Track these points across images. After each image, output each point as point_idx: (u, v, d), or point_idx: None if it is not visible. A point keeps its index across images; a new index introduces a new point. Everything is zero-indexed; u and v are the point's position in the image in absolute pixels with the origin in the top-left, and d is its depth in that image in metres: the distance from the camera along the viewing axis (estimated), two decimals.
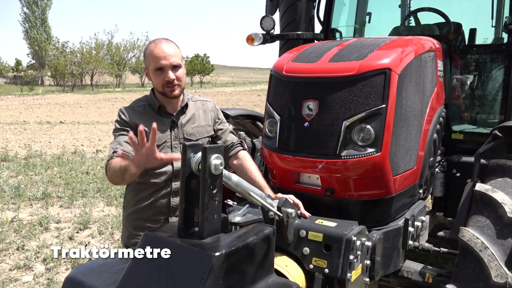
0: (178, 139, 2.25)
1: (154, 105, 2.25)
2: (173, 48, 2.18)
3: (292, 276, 1.82)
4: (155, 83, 2.21)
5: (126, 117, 2.18)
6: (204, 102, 2.43)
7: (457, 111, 3.45)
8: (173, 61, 2.14)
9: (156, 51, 2.13)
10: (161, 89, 2.19)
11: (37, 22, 55.57)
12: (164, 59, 2.12)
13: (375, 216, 2.19)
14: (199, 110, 2.36)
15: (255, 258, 1.48)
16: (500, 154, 2.35)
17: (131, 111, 2.22)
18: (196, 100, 2.40)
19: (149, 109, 2.25)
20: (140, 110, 2.24)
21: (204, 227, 1.40)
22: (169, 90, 2.18)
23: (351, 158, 2.03)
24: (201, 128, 2.33)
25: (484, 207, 1.95)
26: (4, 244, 4.50)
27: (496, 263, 1.73)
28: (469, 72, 3.54)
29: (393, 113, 2.07)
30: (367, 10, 4.72)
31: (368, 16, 4.72)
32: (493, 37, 3.91)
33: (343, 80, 2.07)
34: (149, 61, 2.17)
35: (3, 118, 17.62)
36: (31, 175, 7.54)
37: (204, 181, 1.38)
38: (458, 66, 3.53)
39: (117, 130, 2.20)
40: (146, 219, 2.20)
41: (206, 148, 1.37)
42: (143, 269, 1.39)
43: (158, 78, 2.17)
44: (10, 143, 11.40)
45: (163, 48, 2.13)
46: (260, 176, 2.27)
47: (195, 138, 2.29)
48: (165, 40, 2.20)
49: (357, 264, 1.90)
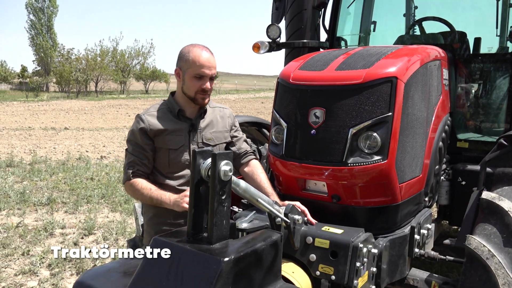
0: (196, 143, 2.29)
1: (174, 109, 2.28)
2: (214, 60, 2.26)
3: (299, 283, 1.83)
4: (189, 87, 2.24)
5: (146, 124, 2.20)
6: (221, 108, 2.48)
7: (462, 119, 3.46)
8: (214, 72, 2.24)
9: (203, 59, 2.19)
10: (193, 95, 2.24)
11: (43, 29, 56.09)
12: (208, 68, 2.19)
13: (381, 223, 2.20)
14: (217, 116, 2.41)
15: (263, 263, 1.49)
16: (506, 163, 2.35)
17: (150, 116, 2.25)
18: (214, 106, 2.45)
19: (168, 112, 2.29)
20: (159, 114, 2.27)
21: (213, 232, 1.42)
22: (201, 97, 2.24)
23: (357, 165, 2.05)
24: (219, 133, 2.37)
25: (491, 215, 1.95)
26: (10, 249, 4.52)
27: (503, 271, 1.73)
28: (474, 81, 3.55)
29: (399, 121, 2.08)
30: (372, 19, 4.76)
31: (373, 25, 4.76)
32: (498, 46, 3.93)
33: (350, 88, 2.09)
34: (190, 65, 2.20)
35: (8, 124, 17.73)
36: (36, 181, 7.58)
37: (214, 187, 1.40)
38: (463, 75, 3.54)
39: (133, 143, 2.23)
40: (166, 223, 2.22)
41: (216, 154, 1.39)
42: (153, 273, 1.40)
43: (195, 84, 2.21)
44: (16, 148, 11.47)
45: (209, 58, 2.21)
46: (268, 184, 2.30)
47: (213, 143, 2.33)
48: (209, 50, 2.27)
49: (364, 271, 1.90)
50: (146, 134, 2.21)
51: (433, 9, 4.59)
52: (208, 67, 2.18)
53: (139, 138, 2.21)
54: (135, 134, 2.23)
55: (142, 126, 2.20)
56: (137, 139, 2.22)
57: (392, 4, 4.98)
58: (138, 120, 2.24)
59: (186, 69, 2.22)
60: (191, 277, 1.33)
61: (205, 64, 2.17)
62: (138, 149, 2.21)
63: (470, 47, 3.73)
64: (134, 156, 2.21)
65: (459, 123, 3.40)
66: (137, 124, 2.23)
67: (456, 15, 4.25)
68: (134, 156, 2.21)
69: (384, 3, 4.88)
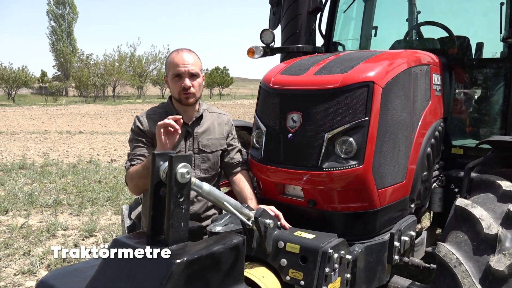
0: (192, 148, 2.31)
1: (171, 113, 2.30)
2: (193, 57, 2.26)
3: (267, 287, 1.82)
4: (172, 89, 2.28)
5: (143, 126, 2.25)
6: (220, 115, 2.49)
7: (458, 125, 3.40)
8: (191, 69, 2.22)
9: (177, 59, 2.22)
10: (177, 96, 2.26)
11: (63, 35, 57.54)
12: (182, 66, 2.20)
13: (359, 229, 2.17)
14: (215, 122, 2.42)
15: (221, 267, 1.49)
16: (493, 169, 2.30)
17: (147, 119, 2.28)
18: (212, 112, 2.47)
19: (165, 116, 2.31)
20: (156, 117, 2.29)
21: (170, 234, 1.43)
22: (184, 97, 2.25)
23: (332, 170, 2.03)
24: (215, 140, 2.39)
25: (463, 223, 1.91)
26: (12, 249, 4.61)
27: (469, 280, 1.68)
28: (471, 86, 3.49)
29: (377, 126, 2.06)
30: (373, 24, 4.73)
31: (374, 30, 4.72)
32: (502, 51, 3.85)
33: (326, 92, 2.08)
34: (169, 68, 2.25)
35: (25, 127, 18.17)
36: (46, 183, 7.74)
37: (170, 189, 1.41)
38: (461, 81, 3.49)
39: (133, 141, 2.27)
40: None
41: (173, 157, 1.40)
42: (109, 274, 1.42)
43: (175, 85, 2.24)
44: (30, 151, 11.74)
45: (183, 56, 2.22)
46: (250, 191, 2.33)
47: (209, 150, 2.35)
48: (187, 50, 2.29)
49: (335, 277, 1.88)
50: (144, 133, 2.25)
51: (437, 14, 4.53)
52: (182, 64, 2.20)
53: (139, 135, 2.25)
54: (134, 132, 2.27)
55: (138, 125, 2.25)
56: (137, 136, 2.25)
57: (395, 9, 4.93)
58: (136, 120, 2.29)
59: (167, 74, 2.27)
60: (143, 278, 1.34)
61: (179, 62, 2.20)
62: (139, 145, 2.24)
63: (472, 52, 3.67)
64: (134, 154, 2.23)
65: (454, 129, 3.34)
66: (135, 124, 2.27)
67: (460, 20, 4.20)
68: (134, 154, 2.23)
69: (386, 8, 4.84)
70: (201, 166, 2.32)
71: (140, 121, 2.26)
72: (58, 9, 57.39)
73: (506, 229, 1.79)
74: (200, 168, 2.32)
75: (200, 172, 2.32)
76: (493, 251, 1.73)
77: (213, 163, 2.36)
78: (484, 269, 1.69)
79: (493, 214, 1.88)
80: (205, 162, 2.33)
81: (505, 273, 1.63)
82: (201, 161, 2.32)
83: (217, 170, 2.41)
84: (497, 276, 1.65)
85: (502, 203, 1.93)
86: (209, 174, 2.35)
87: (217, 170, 2.41)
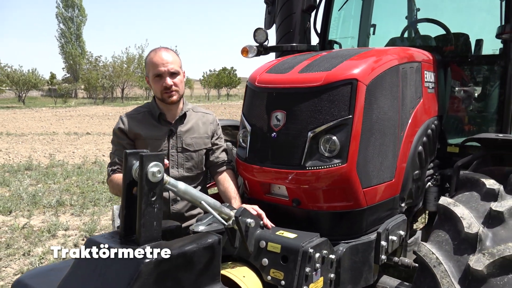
0: (175, 147, 2.31)
1: (155, 112, 2.32)
2: (171, 56, 2.26)
3: (247, 287, 1.80)
4: (154, 90, 2.29)
5: (124, 126, 2.26)
6: (204, 114, 2.49)
7: (454, 123, 3.35)
8: (171, 68, 2.23)
9: (155, 59, 2.22)
10: (160, 95, 2.27)
11: (72, 37, 58.11)
12: (162, 65, 2.21)
13: (345, 229, 2.14)
14: (199, 121, 2.42)
15: (195, 266, 1.48)
16: (482, 167, 2.26)
17: (130, 119, 2.29)
18: (197, 111, 2.47)
19: (149, 116, 2.33)
20: (139, 117, 2.31)
21: (141, 234, 1.42)
22: (167, 96, 2.25)
23: (315, 169, 2.01)
24: (199, 139, 2.39)
25: (446, 222, 1.87)
26: (12, 249, 4.66)
27: (448, 280, 1.65)
28: (467, 84, 3.43)
29: (361, 124, 2.03)
30: (372, 22, 4.69)
31: (372, 28, 4.68)
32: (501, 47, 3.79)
33: (309, 90, 2.06)
34: (149, 69, 2.26)
35: (34, 129, 18.37)
36: (50, 184, 7.81)
37: (141, 188, 1.40)
38: (459, 78, 3.44)
39: (114, 143, 2.29)
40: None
41: (143, 156, 1.39)
42: (81, 273, 1.42)
43: (157, 85, 2.25)
44: (37, 152, 11.86)
45: (162, 55, 2.23)
46: (234, 190, 2.32)
47: (193, 149, 2.35)
48: (164, 49, 2.29)
49: (317, 277, 1.86)
50: (126, 134, 2.26)
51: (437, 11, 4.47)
52: (162, 64, 2.20)
53: (120, 137, 2.26)
54: (115, 134, 2.29)
55: (120, 126, 2.26)
56: (118, 138, 2.27)
57: (394, 6, 4.89)
58: (118, 121, 2.30)
59: (148, 74, 2.29)
60: (113, 278, 1.34)
61: (159, 62, 2.20)
62: (119, 148, 2.26)
63: (471, 49, 3.61)
64: (115, 155, 2.27)
65: (450, 127, 3.29)
66: (117, 124, 2.28)
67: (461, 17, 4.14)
68: (116, 156, 2.26)
69: (385, 6, 4.80)
70: (184, 164, 2.32)
71: (122, 121, 2.27)
72: (67, 12, 57.98)
73: (488, 228, 1.75)
74: (184, 167, 2.32)
75: (183, 170, 2.32)
76: (474, 251, 1.69)
77: (197, 161, 2.36)
78: (464, 269, 1.66)
79: (475, 213, 1.84)
80: (189, 160, 2.33)
81: (484, 273, 1.59)
82: (185, 160, 2.32)
83: (202, 169, 2.41)
84: (476, 276, 1.61)
85: (486, 202, 1.89)
86: (193, 173, 2.35)
87: (201, 169, 2.40)
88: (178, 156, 2.32)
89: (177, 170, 2.31)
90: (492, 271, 1.58)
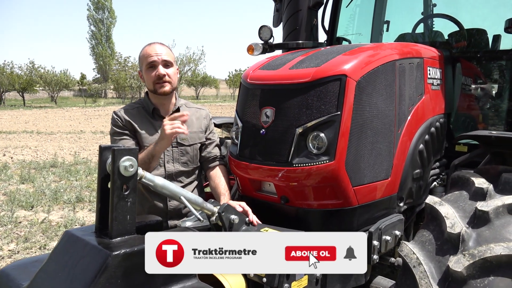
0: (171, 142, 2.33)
1: (148, 107, 2.35)
2: (165, 49, 2.30)
3: (230, 284, 1.80)
4: (147, 81, 2.31)
5: (122, 119, 2.28)
6: (197, 109, 2.51)
7: (463, 121, 3.23)
8: (164, 58, 2.26)
9: (148, 50, 2.26)
10: (152, 86, 2.29)
11: (103, 39, 59.68)
12: (155, 55, 2.25)
13: (335, 227, 2.10)
14: (193, 116, 2.44)
15: None
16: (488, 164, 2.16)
17: (125, 113, 2.32)
18: (190, 106, 2.49)
19: (143, 111, 2.36)
20: (134, 112, 2.34)
21: (113, 227, 1.44)
22: (159, 86, 2.27)
23: (303, 166, 1.98)
24: (193, 134, 2.40)
25: (431, 221, 1.81)
26: (30, 243, 4.83)
27: (426, 281, 1.58)
28: (479, 81, 3.31)
29: (350, 121, 1.99)
30: (385, 18, 4.59)
31: (386, 25, 4.58)
32: None
33: (298, 87, 2.03)
34: (142, 61, 2.29)
35: (63, 128, 18.98)
36: (72, 180, 8.04)
37: (114, 182, 1.43)
38: (471, 75, 3.32)
39: (116, 135, 2.30)
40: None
41: (115, 150, 1.41)
42: (55, 265, 1.45)
43: (149, 75, 2.27)
44: (63, 150, 12.24)
45: (155, 47, 2.27)
46: (225, 186, 2.32)
47: (187, 143, 2.37)
48: (159, 43, 2.33)
49: (300, 276, 1.83)
50: (123, 126, 2.29)
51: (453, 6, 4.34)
52: (155, 54, 2.23)
53: (121, 129, 2.29)
54: (116, 126, 2.31)
55: (117, 120, 2.29)
56: (119, 130, 2.29)
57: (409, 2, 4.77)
58: (113, 116, 2.33)
59: (141, 67, 2.31)
60: (82, 270, 1.36)
61: (151, 53, 2.23)
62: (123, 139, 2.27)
63: (488, 44, 3.48)
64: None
65: (459, 125, 3.18)
66: (115, 118, 2.31)
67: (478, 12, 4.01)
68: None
69: (399, 2, 4.69)
70: (180, 159, 2.34)
71: (118, 115, 2.30)
72: (98, 14, 59.61)
73: (472, 229, 1.68)
74: (179, 161, 2.34)
75: (179, 165, 2.33)
76: (456, 251, 1.62)
77: (192, 156, 2.38)
78: (445, 270, 1.59)
79: (462, 212, 1.77)
80: (184, 155, 2.35)
81: (464, 274, 1.52)
82: (180, 154, 2.34)
83: (197, 163, 2.43)
84: (456, 278, 1.54)
85: (473, 201, 1.81)
86: (188, 167, 2.37)
87: (197, 163, 2.42)
88: (173, 150, 2.34)
89: (173, 164, 2.33)
90: (472, 272, 1.51)
